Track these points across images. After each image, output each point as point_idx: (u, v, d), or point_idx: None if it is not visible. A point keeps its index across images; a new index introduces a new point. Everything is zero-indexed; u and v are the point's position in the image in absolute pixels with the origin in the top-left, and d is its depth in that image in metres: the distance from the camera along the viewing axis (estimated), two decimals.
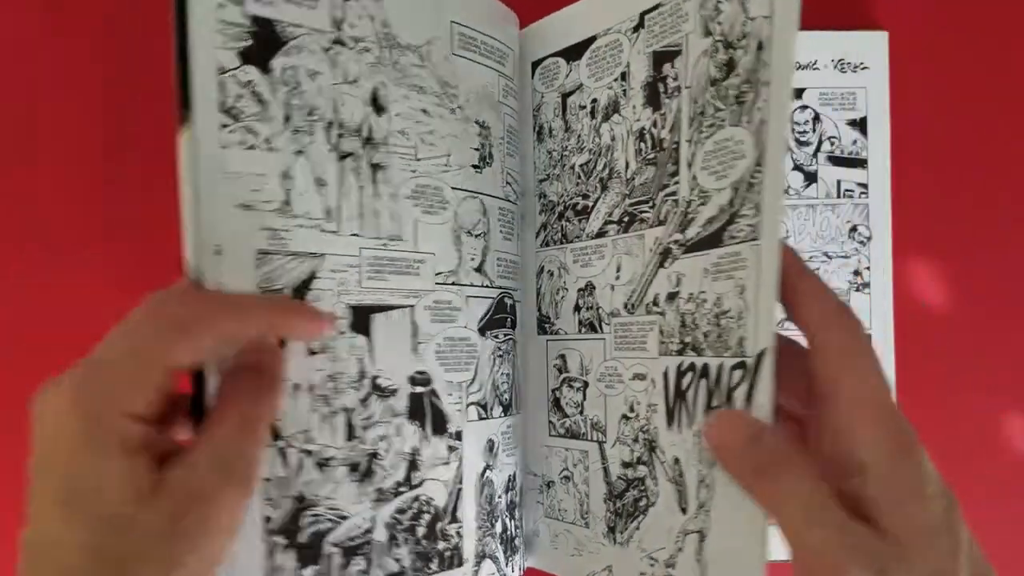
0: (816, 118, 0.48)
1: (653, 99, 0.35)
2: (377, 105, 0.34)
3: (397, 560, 0.34)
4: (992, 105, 0.49)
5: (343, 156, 0.33)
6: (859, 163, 0.47)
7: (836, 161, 0.48)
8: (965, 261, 0.48)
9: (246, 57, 0.30)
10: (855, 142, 0.47)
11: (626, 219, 0.36)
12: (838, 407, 0.25)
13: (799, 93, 0.48)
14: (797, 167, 0.48)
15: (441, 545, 0.36)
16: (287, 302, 0.30)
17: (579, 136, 0.39)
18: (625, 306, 0.36)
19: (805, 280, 0.27)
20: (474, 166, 0.37)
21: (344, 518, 0.32)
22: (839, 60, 0.47)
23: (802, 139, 0.48)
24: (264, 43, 0.30)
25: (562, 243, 0.39)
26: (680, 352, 0.32)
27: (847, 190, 0.47)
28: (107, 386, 0.24)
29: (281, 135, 0.31)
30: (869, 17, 0.49)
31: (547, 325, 0.40)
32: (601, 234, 0.37)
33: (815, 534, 0.24)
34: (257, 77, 0.30)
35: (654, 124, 0.35)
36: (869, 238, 0.47)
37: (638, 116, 0.36)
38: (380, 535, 0.33)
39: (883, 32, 0.48)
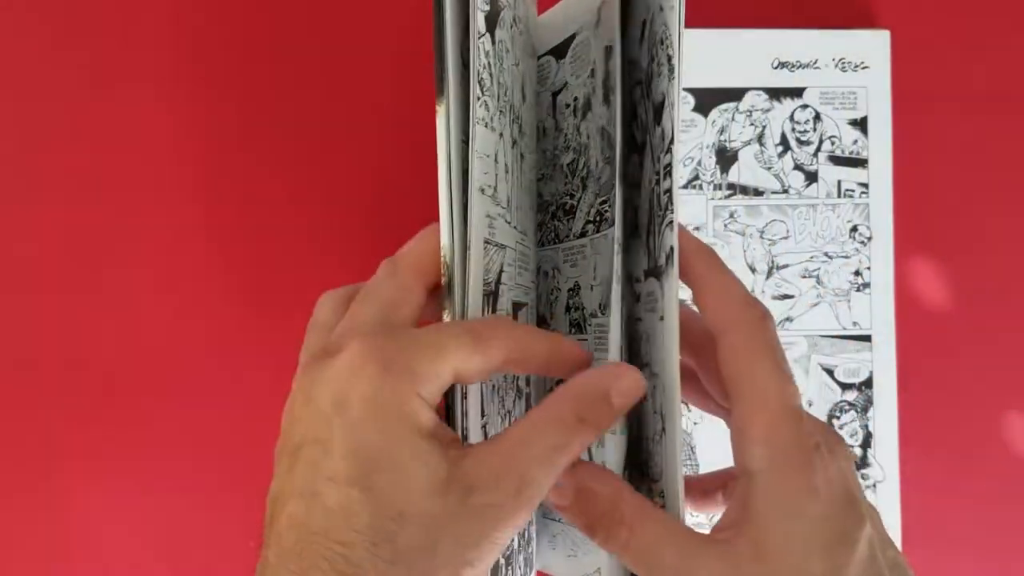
0: (817, 117, 0.47)
1: (607, 96, 0.34)
2: (523, 92, 0.32)
3: (519, 568, 0.33)
4: (994, 105, 0.48)
5: (513, 143, 0.30)
6: (860, 163, 0.47)
7: (837, 161, 0.47)
8: (966, 261, 0.48)
9: (488, 24, 0.25)
10: (856, 142, 0.47)
11: (598, 218, 0.35)
12: (736, 410, 0.25)
13: (799, 92, 0.47)
14: (798, 167, 0.47)
15: (531, 549, 0.35)
16: (571, 342, 0.28)
17: (566, 135, 0.38)
18: (599, 307, 0.35)
19: (708, 271, 0.26)
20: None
21: None
22: (840, 59, 0.47)
23: (803, 138, 0.47)
24: (495, 11, 0.26)
25: (555, 243, 0.39)
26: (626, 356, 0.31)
27: (848, 190, 0.47)
28: (409, 363, 0.23)
29: (496, 115, 0.27)
30: (870, 16, 0.49)
31: (544, 326, 0.40)
32: (583, 234, 0.37)
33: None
34: (490, 48, 0.26)
35: (608, 121, 0.33)
36: (870, 238, 0.47)
37: (600, 113, 0.34)
38: (514, 541, 0.32)
39: (884, 31, 0.47)
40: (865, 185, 0.47)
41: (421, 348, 0.23)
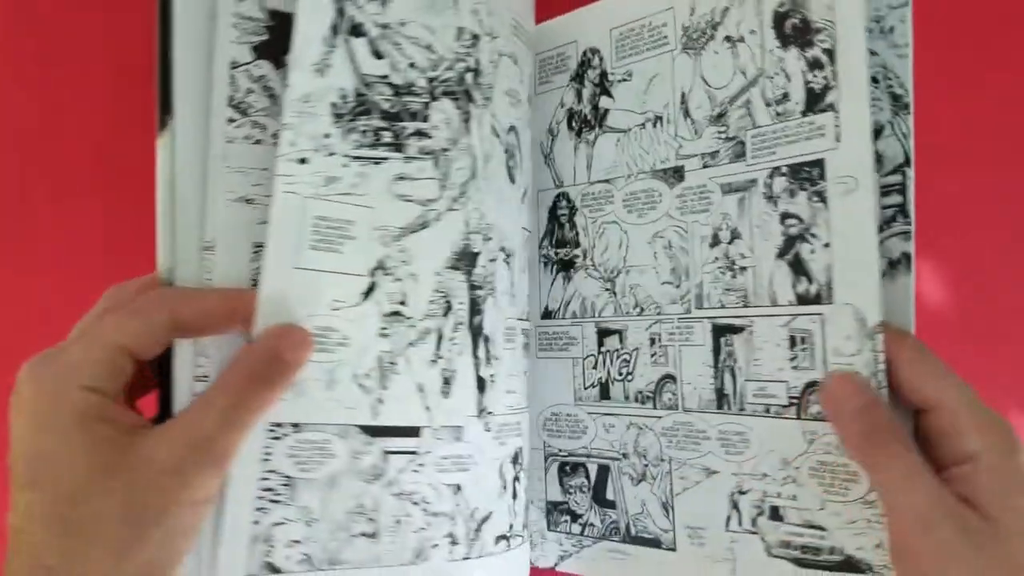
0: None
1: None
2: None
3: None
4: (994, 105, 0.48)
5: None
6: None
7: None
8: (967, 261, 0.48)
9: (261, 51, 0.30)
10: None
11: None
12: (941, 413, 0.28)
13: None
14: None
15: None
16: (245, 291, 0.29)
17: None
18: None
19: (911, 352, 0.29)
20: None
21: None
22: None
23: None
24: (280, 37, 0.30)
25: None
26: None
27: None
28: (61, 362, 0.26)
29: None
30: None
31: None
32: None
33: (914, 496, 0.26)
34: (270, 72, 0.30)
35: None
36: None
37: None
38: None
39: None
40: None
41: (74, 344, 0.26)
